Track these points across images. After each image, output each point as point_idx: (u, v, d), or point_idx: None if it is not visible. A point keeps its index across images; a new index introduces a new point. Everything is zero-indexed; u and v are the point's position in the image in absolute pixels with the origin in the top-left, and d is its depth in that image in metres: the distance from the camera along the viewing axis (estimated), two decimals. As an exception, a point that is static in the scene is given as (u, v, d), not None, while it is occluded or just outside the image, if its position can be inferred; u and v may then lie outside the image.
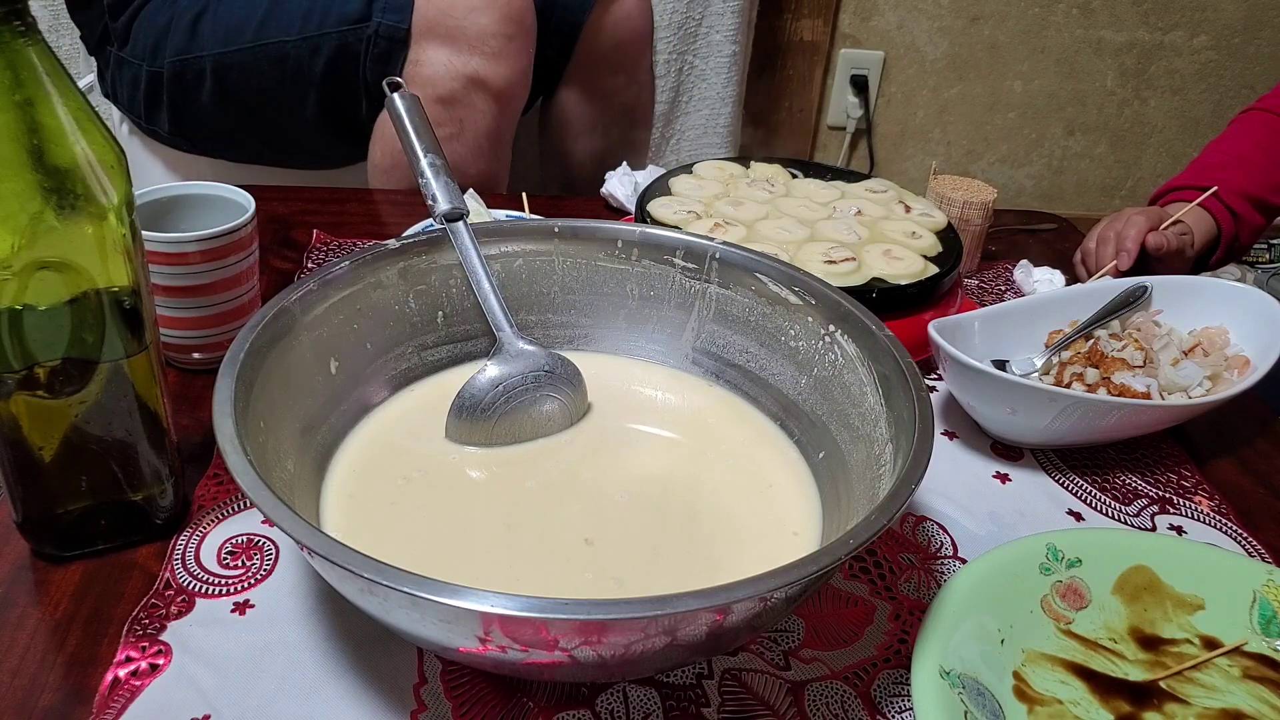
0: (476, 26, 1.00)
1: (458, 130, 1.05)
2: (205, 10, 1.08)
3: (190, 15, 1.08)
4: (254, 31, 1.06)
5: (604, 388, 0.64)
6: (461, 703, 0.48)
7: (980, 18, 2.11)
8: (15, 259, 0.46)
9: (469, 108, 1.04)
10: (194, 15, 1.08)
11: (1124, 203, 2.31)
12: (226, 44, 1.07)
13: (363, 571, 0.38)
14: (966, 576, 0.52)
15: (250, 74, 1.08)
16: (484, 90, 1.03)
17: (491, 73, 1.02)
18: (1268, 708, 0.50)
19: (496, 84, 1.03)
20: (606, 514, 0.55)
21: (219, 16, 1.08)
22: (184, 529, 0.57)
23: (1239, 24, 2.13)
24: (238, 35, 1.07)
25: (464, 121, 1.05)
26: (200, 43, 1.08)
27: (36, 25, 0.44)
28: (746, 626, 0.43)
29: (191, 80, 1.09)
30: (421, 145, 0.63)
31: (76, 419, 0.51)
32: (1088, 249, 0.94)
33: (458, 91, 1.03)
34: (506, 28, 1.01)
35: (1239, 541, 0.64)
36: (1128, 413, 0.65)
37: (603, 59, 1.19)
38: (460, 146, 1.06)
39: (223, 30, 1.07)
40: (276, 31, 1.06)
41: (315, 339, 0.56)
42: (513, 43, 1.02)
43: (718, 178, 0.92)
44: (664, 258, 0.65)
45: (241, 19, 1.07)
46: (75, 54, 1.37)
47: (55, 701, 0.47)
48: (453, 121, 1.04)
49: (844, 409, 0.57)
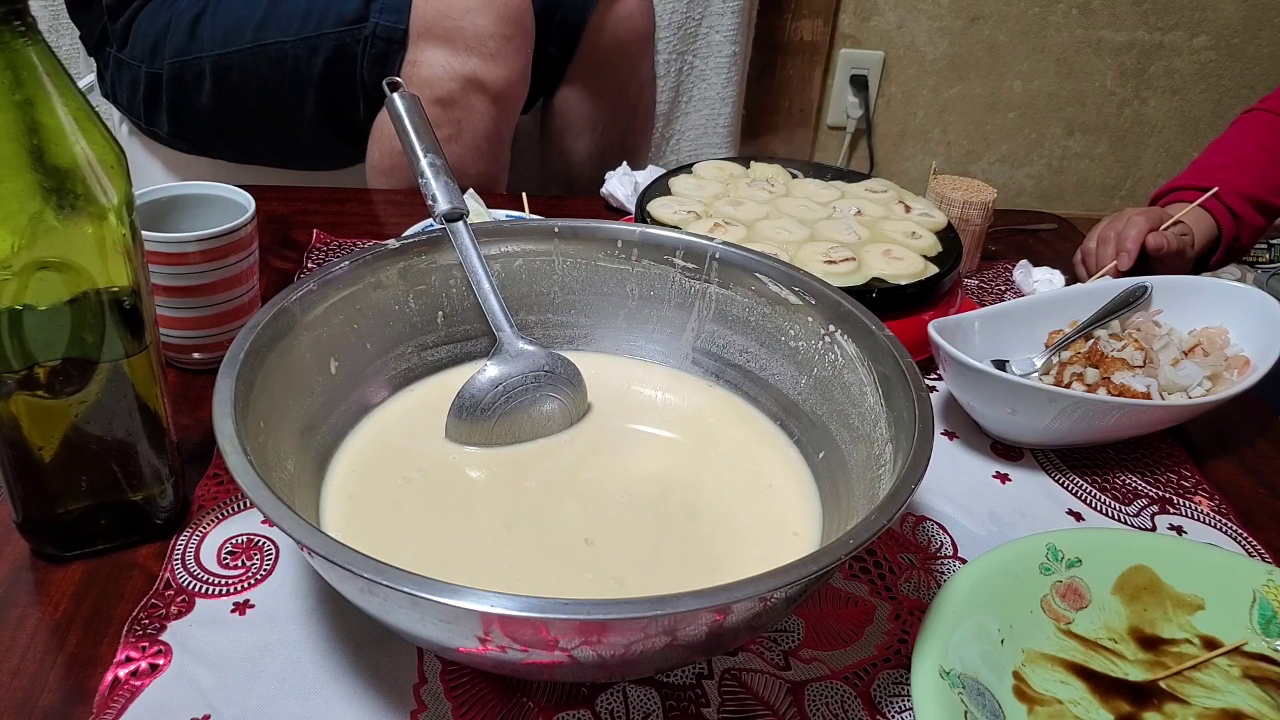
0: (474, 27, 1.00)
1: (456, 131, 1.05)
2: (204, 11, 1.08)
3: (189, 16, 1.08)
4: (252, 32, 1.06)
5: (604, 388, 0.64)
6: (461, 703, 0.48)
7: (980, 18, 2.11)
8: (15, 259, 0.46)
9: (467, 109, 1.04)
10: (193, 16, 1.08)
11: (1124, 203, 2.31)
12: (225, 45, 1.07)
13: (363, 571, 0.38)
14: (966, 576, 0.52)
15: (249, 75, 1.08)
16: (482, 91, 1.03)
17: (489, 73, 1.02)
18: (1268, 708, 0.50)
19: (494, 85, 1.03)
20: (606, 514, 0.55)
21: (218, 17, 1.08)
22: (184, 529, 0.57)
23: (1239, 24, 2.13)
24: (236, 36, 1.07)
25: (462, 122, 1.05)
26: (199, 44, 1.08)
27: (36, 25, 0.44)
28: (746, 626, 0.43)
29: (191, 81, 1.10)
30: (421, 145, 0.63)
31: (76, 419, 0.51)
32: (1088, 249, 0.94)
33: (455, 92, 1.03)
34: (504, 28, 1.01)
35: (1239, 541, 0.64)
36: (1128, 413, 0.65)
37: (604, 58, 1.19)
38: (459, 147, 1.06)
39: (221, 31, 1.07)
40: (275, 32, 1.06)
41: (315, 339, 0.56)
42: (510, 43, 1.02)
43: (718, 178, 0.92)
44: (664, 258, 0.65)
45: (240, 20, 1.07)
46: (75, 54, 1.37)
47: (55, 701, 0.47)
48: (451, 123, 1.04)
49: (844, 409, 0.57)
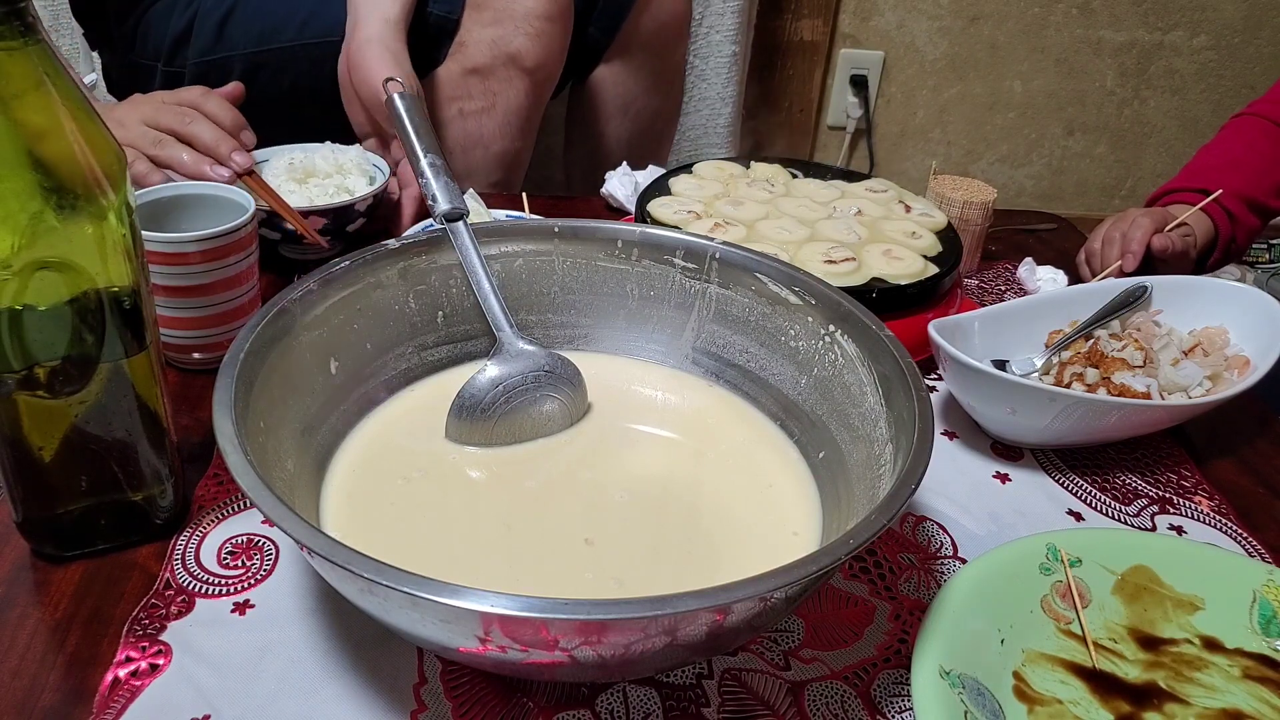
0: (523, 7, 1.03)
1: (490, 104, 1.06)
2: (233, 11, 1.09)
3: (216, 17, 1.09)
4: (295, 30, 1.07)
5: (604, 388, 0.64)
6: (461, 703, 0.48)
7: (980, 18, 2.11)
8: (15, 259, 0.46)
9: (505, 82, 1.06)
10: (220, 17, 1.09)
11: (1124, 203, 2.31)
12: (260, 43, 1.08)
13: (363, 571, 0.38)
14: (966, 576, 0.52)
15: (283, 73, 1.09)
16: (520, 68, 1.05)
17: (530, 51, 1.04)
18: (1268, 708, 0.50)
19: (533, 63, 1.05)
20: (606, 514, 0.55)
21: (251, 16, 1.08)
22: (184, 529, 0.57)
23: (1239, 24, 2.13)
24: (275, 35, 1.08)
25: (497, 95, 1.06)
26: (229, 43, 1.09)
27: (37, 25, 0.44)
28: (746, 626, 0.43)
29: (215, 80, 1.10)
30: (422, 145, 0.63)
31: (76, 419, 0.51)
32: (1092, 249, 0.94)
33: (496, 67, 1.04)
34: (550, 9, 1.03)
35: (1239, 541, 0.64)
36: (1128, 413, 0.65)
37: (644, 41, 1.22)
38: (490, 121, 1.07)
39: (256, 30, 1.08)
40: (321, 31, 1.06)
41: (315, 339, 0.56)
42: (554, 24, 1.04)
43: (718, 178, 0.92)
44: (664, 258, 0.65)
45: (280, 19, 1.08)
46: (76, 54, 1.37)
47: (55, 701, 0.47)
48: (486, 94, 1.06)
49: (844, 409, 0.57)
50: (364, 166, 0.93)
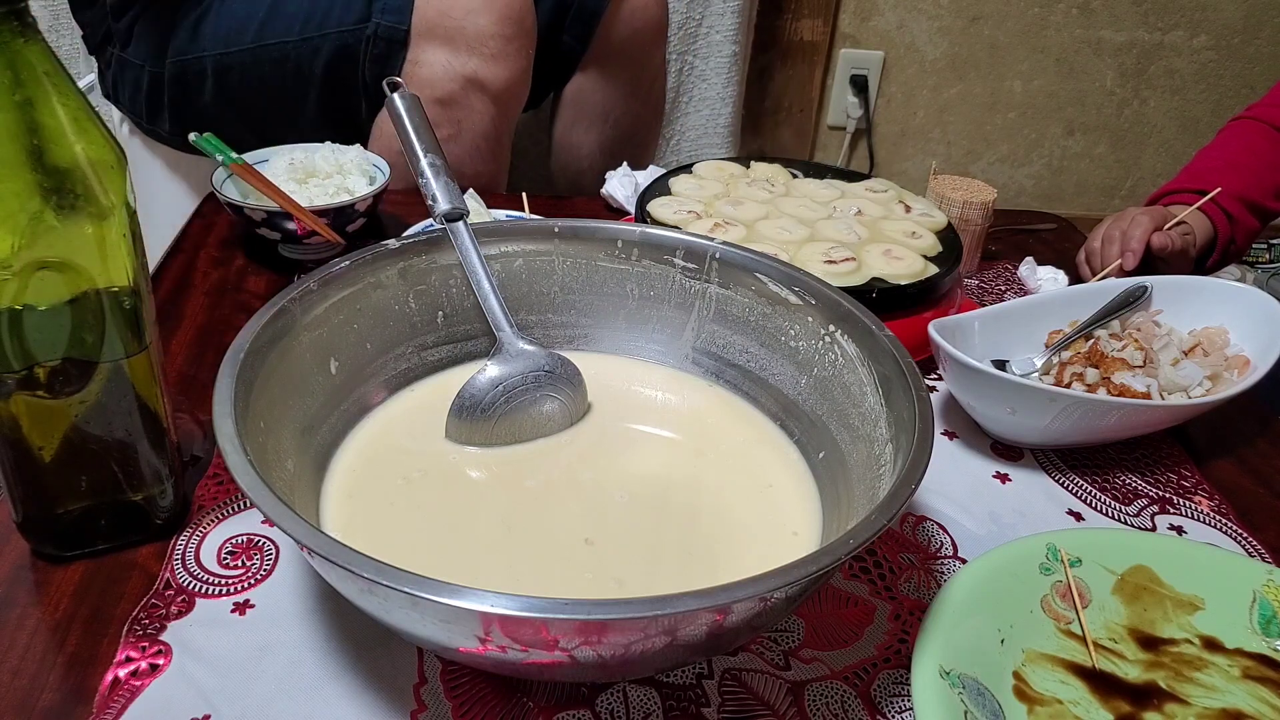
0: (475, 27, 1.00)
1: (455, 131, 1.05)
2: (207, 12, 1.09)
3: (193, 17, 1.09)
4: (255, 32, 1.07)
5: (604, 388, 0.64)
6: (461, 703, 0.48)
7: (980, 18, 2.11)
8: (15, 259, 0.46)
9: (467, 109, 1.04)
10: (196, 17, 1.09)
11: (1124, 203, 2.31)
12: (227, 45, 1.08)
13: (363, 571, 0.38)
14: (966, 576, 0.52)
15: (250, 75, 1.08)
16: (482, 91, 1.03)
17: (490, 74, 1.02)
18: (1268, 708, 0.50)
19: (495, 85, 1.03)
20: (606, 514, 0.55)
21: (220, 18, 1.08)
22: (184, 529, 0.57)
23: (1239, 24, 2.13)
24: (238, 36, 1.07)
25: (462, 122, 1.05)
26: (201, 44, 1.08)
27: (36, 25, 0.44)
28: (746, 626, 0.43)
29: (192, 81, 1.10)
30: (421, 145, 0.63)
31: (76, 419, 0.51)
32: (1092, 248, 0.94)
33: (456, 92, 1.03)
34: (505, 29, 1.01)
35: (1239, 541, 0.64)
36: (1128, 413, 0.65)
37: (619, 47, 1.20)
38: (458, 147, 1.06)
39: (223, 32, 1.08)
40: (277, 33, 1.06)
41: (315, 339, 0.56)
42: (511, 44, 1.02)
43: (718, 178, 0.92)
44: (664, 258, 0.65)
45: (242, 20, 1.07)
46: (75, 54, 1.37)
47: (55, 701, 0.47)
48: (451, 122, 1.04)
49: (844, 409, 0.57)
50: (364, 166, 0.93)
